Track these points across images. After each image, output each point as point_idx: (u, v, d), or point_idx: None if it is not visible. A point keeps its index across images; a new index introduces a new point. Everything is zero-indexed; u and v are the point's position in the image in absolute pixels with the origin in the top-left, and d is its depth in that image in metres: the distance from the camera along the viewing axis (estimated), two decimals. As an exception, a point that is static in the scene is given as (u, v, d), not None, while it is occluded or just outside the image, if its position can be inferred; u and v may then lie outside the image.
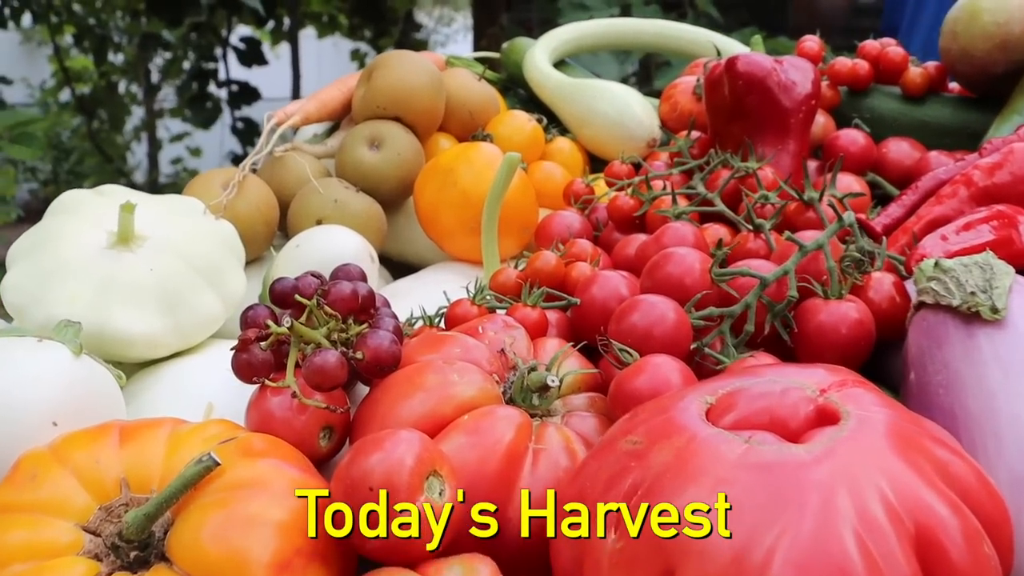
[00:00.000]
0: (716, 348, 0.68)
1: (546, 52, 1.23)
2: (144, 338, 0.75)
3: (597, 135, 1.10)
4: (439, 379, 0.60)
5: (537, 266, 0.77)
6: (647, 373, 0.60)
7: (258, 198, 0.90)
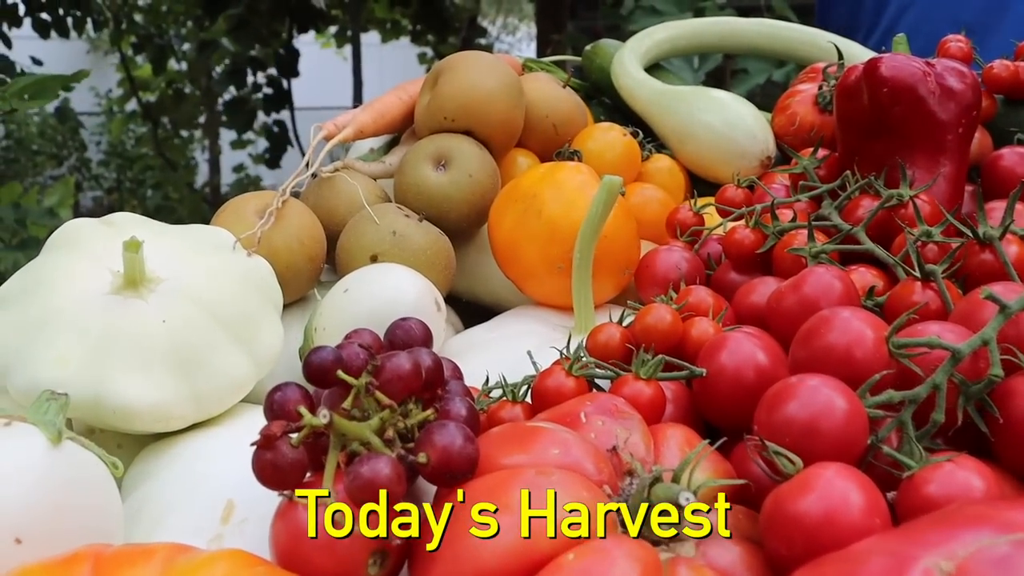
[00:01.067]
0: (891, 443, 0.50)
1: (637, 55, 1.05)
2: (152, 409, 0.59)
3: (701, 151, 0.93)
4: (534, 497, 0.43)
5: (649, 323, 0.59)
6: (817, 492, 0.43)
7: (300, 228, 0.74)
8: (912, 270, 0.64)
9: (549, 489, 0.43)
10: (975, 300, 0.56)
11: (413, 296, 0.67)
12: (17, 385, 0.58)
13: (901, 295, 0.62)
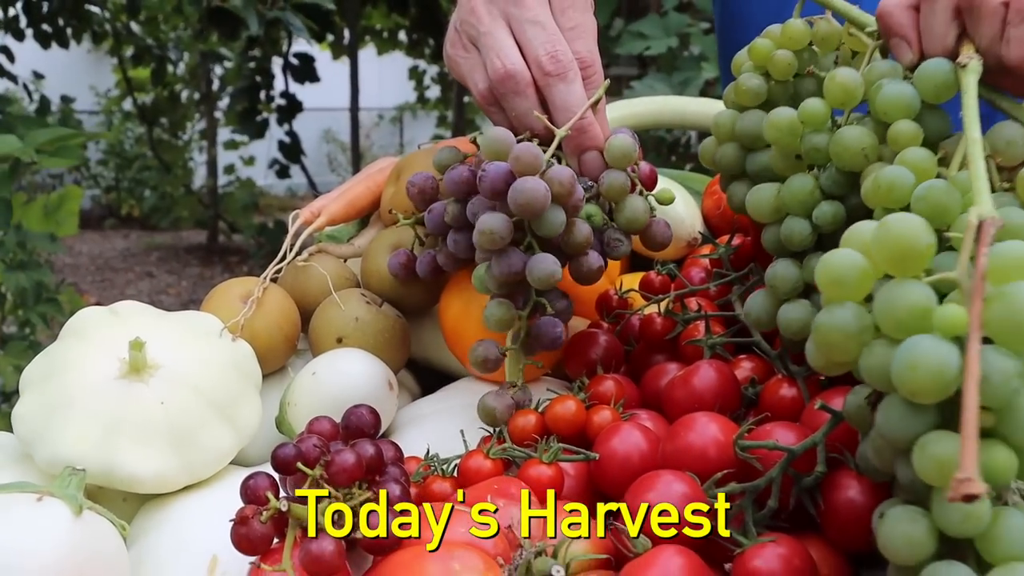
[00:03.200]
0: (738, 522, 0.65)
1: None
2: (152, 478, 0.75)
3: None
4: (440, 569, 0.58)
5: (557, 412, 0.75)
6: (658, 569, 0.58)
7: (278, 313, 0.89)
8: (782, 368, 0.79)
9: (453, 563, 0.58)
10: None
11: (368, 381, 0.82)
12: (42, 458, 0.73)
13: (770, 390, 0.77)
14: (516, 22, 0.84)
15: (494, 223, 0.75)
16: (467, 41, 0.87)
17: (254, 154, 6.62)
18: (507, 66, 0.83)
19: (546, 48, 0.82)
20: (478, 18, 0.85)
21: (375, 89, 7.23)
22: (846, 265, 0.52)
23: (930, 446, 0.47)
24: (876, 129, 0.70)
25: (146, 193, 7.01)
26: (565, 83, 0.83)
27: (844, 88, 0.71)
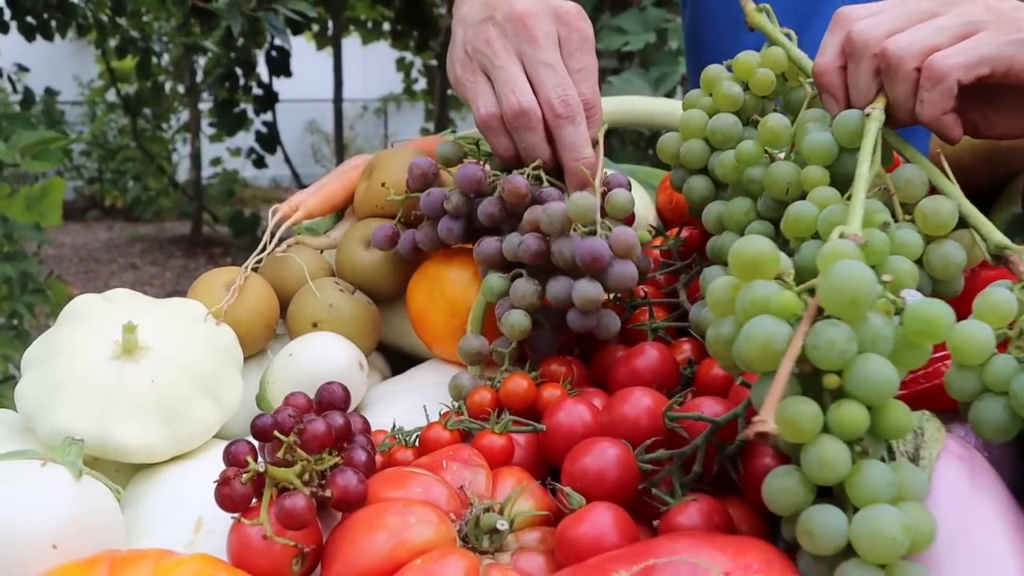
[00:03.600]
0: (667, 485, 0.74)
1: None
2: (143, 448, 0.83)
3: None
4: (399, 521, 0.67)
5: (510, 388, 0.84)
6: (589, 522, 0.66)
7: (258, 300, 0.98)
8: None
9: (410, 516, 0.67)
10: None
11: (341, 361, 0.91)
12: (43, 431, 0.82)
13: (704, 369, 0.86)
14: (529, 61, 0.94)
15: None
16: (478, 67, 0.97)
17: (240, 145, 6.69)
18: (522, 103, 0.92)
19: (557, 92, 0.92)
20: (493, 51, 0.94)
21: (359, 80, 7.29)
22: (722, 286, 0.62)
23: (788, 408, 0.56)
24: (802, 166, 0.81)
25: (129, 184, 7.07)
26: (573, 125, 0.93)
27: (773, 132, 0.83)
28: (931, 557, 0.61)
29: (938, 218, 0.72)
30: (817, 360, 0.56)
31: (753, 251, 0.60)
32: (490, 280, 0.91)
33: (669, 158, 0.97)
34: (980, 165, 1.04)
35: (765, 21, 0.89)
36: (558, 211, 0.86)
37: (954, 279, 0.76)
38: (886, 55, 0.78)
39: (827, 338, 0.56)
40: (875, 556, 0.56)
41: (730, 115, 0.89)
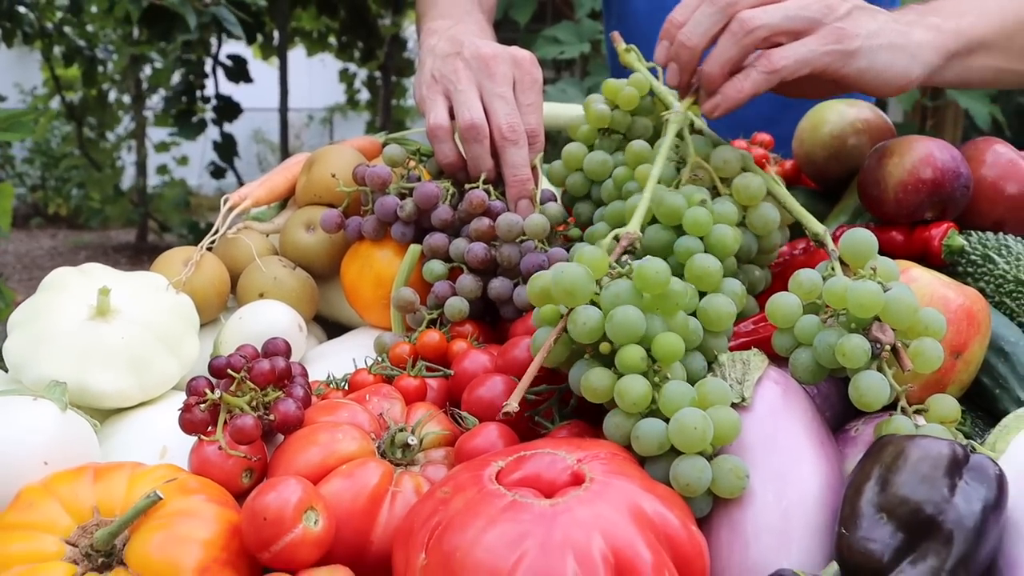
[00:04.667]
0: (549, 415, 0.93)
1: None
2: (116, 394, 1.00)
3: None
4: (328, 437, 0.85)
5: (424, 342, 1.02)
6: (481, 436, 0.85)
7: (212, 274, 1.16)
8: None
9: (338, 433, 0.85)
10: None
11: (283, 323, 1.09)
12: (30, 379, 0.99)
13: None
14: (487, 92, 1.16)
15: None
16: (441, 89, 1.18)
17: (187, 154, 6.80)
18: (475, 119, 1.14)
19: (507, 119, 1.14)
20: (458, 78, 1.17)
21: (305, 90, 7.45)
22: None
23: (589, 378, 0.79)
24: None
25: (73, 192, 7.15)
26: (516, 147, 1.14)
27: (637, 153, 1.04)
28: (749, 452, 0.80)
29: (748, 191, 0.93)
30: (578, 337, 0.80)
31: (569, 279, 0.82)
32: (432, 265, 1.10)
33: (558, 184, 1.16)
34: (830, 161, 1.25)
35: (633, 59, 1.10)
36: (515, 224, 1.05)
37: (772, 235, 0.96)
38: (742, 19, 0.98)
39: (580, 323, 0.80)
40: (686, 446, 0.75)
41: (601, 152, 1.09)
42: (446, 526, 0.70)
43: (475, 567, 0.67)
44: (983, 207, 1.14)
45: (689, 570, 0.71)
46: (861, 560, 0.73)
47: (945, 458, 0.74)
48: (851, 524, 0.74)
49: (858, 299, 0.83)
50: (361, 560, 0.80)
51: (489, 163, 1.14)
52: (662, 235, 0.91)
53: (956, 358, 0.93)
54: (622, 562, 0.67)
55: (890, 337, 0.84)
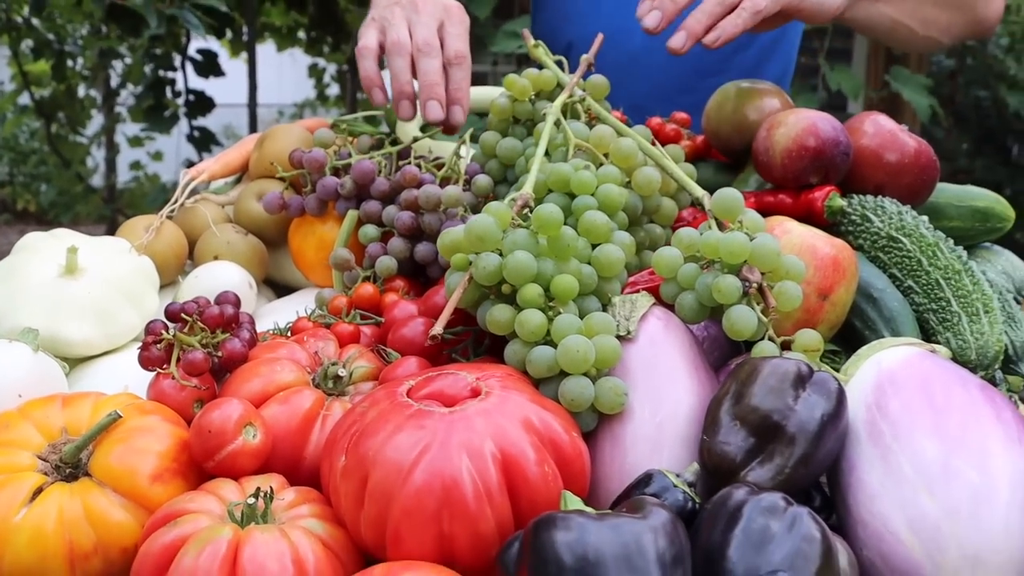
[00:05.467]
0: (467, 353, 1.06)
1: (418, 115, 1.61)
2: (83, 343, 1.13)
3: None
4: (269, 370, 0.99)
5: (359, 293, 1.16)
6: (401, 368, 0.99)
7: (172, 239, 1.29)
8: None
9: (277, 366, 0.99)
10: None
11: (235, 280, 1.22)
12: (5, 329, 1.12)
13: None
14: (413, 23, 1.35)
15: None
16: (377, 27, 1.38)
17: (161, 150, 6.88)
18: (399, 38, 1.33)
19: (423, 37, 1.33)
20: (392, 15, 1.37)
21: (275, 86, 7.55)
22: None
23: (492, 314, 0.93)
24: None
25: (43, 188, 7.23)
26: (429, 58, 1.32)
27: (539, 133, 1.15)
28: (631, 376, 0.94)
29: (621, 152, 1.07)
30: (481, 279, 0.95)
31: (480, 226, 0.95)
32: (367, 229, 1.24)
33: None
34: (733, 135, 1.39)
35: (541, 54, 1.24)
36: (433, 195, 1.19)
37: (655, 195, 1.10)
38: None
39: (481, 267, 0.94)
40: (571, 367, 0.89)
41: (511, 139, 1.24)
42: (362, 432, 0.84)
43: (384, 463, 0.81)
44: (866, 172, 1.28)
45: (570, 469, 0.85)
46: (719, 461, 0.87)
47: (791, 374, 0.88)
48: (711, 431, 0.88)
49: (728, 247, 0.97)
50: (296, 472, 0.94)
51: (408, 76, 1.33)
52: (558, 201, 1.04)
53: (823, 299, 1.08)
54: (508, 458, 0.81)
55: (757, 277, 0.98)
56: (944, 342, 1.11)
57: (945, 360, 0.95)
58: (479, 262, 0.94)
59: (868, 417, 0.90)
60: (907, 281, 1.17)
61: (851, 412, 0.92)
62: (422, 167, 1.25)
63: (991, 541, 0.82)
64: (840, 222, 1.24)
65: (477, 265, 0.94)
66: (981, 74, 6.33)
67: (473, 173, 1.25)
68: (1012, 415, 0.89)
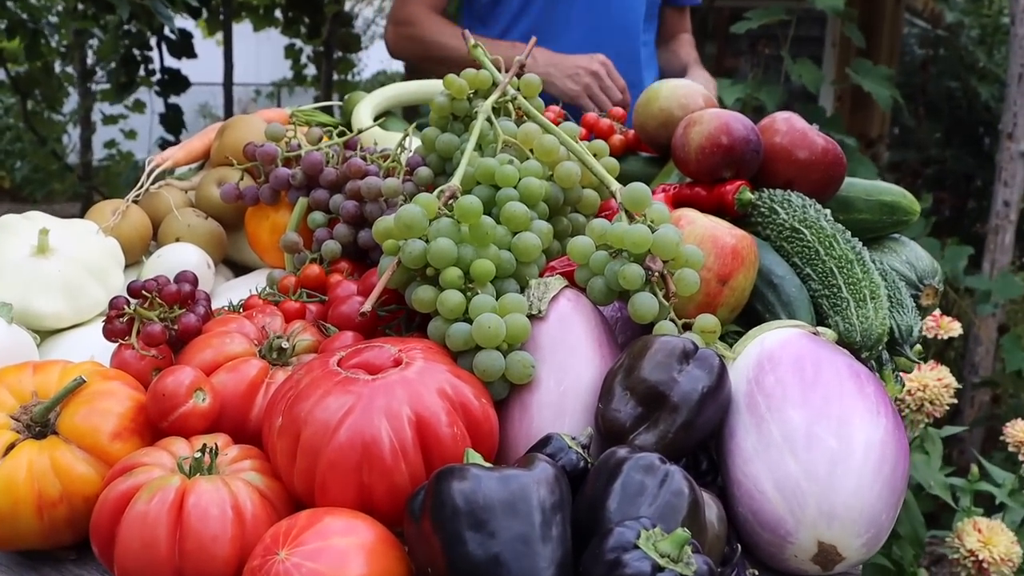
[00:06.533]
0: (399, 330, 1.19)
1: (371, 106, 1.74)
2: (53, 316, 1.26)
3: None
4: (219, 342, 1.12)
5: (306, 274, 1.29)
6: (338, 340, 1.12)
7: (137, 221, 1.41)
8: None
9: (227, 338, 1.11)
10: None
11: (194, 260, 1.35)
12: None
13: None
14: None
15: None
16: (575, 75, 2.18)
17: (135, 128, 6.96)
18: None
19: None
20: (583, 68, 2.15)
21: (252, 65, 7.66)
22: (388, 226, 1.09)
23: (417, 293, 1.05)
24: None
25: (17, 164, 7.31)
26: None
27: (480, 132, 1.28)
28: (540, 350, 1.07)
29: (543, 147, 1.20)
30: (407, 262, 1.07)
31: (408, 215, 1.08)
32: (315, 216, 1.37)
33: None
34: (659, 130, 1.52)
35: (480, 54, 1.36)
36: (374, 186, 1.31)
37: (575, 187, 1.23)
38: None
39: (407, 251, 1.07)
40: (484, 341, 1.02)
41: (448, 135, 1.34)
42: (297, 396, 0.97)
43: (313, 423, 0.94)
44: (778, 168, 1.41)
45: (478, 430, 0.98)
46: (611, 427, 1.00)
47: (677, 350, 1.02)
48: (605, 400, 1.01)
49: (632, 238, 1.10)
50: (242, 433, 1.06)
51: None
52: (485, 192, 1.17)
53: (723, 285, 1.21)
54: (422, 420, 0.94)
55: (659, 266, 1.11)
56: (833, 325, 1.24)
57: (823, 341, 1.09)
58: (406, 247, 1.07)
59: (748, 390, 1.04)
60: (806, 269, 1.30)
61: (734, 386, 1.05)
62: (368, 159, 1.38)
63: (844, 499, 0.96)
64: (751, 214, 1.37)
65: (404, 250, 1.07)
66: (952, 65, 6.48)
67: (415, 165, 1.37)
68: (875, 390, 1.03)
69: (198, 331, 1.15)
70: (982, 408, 4.13)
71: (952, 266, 3.74)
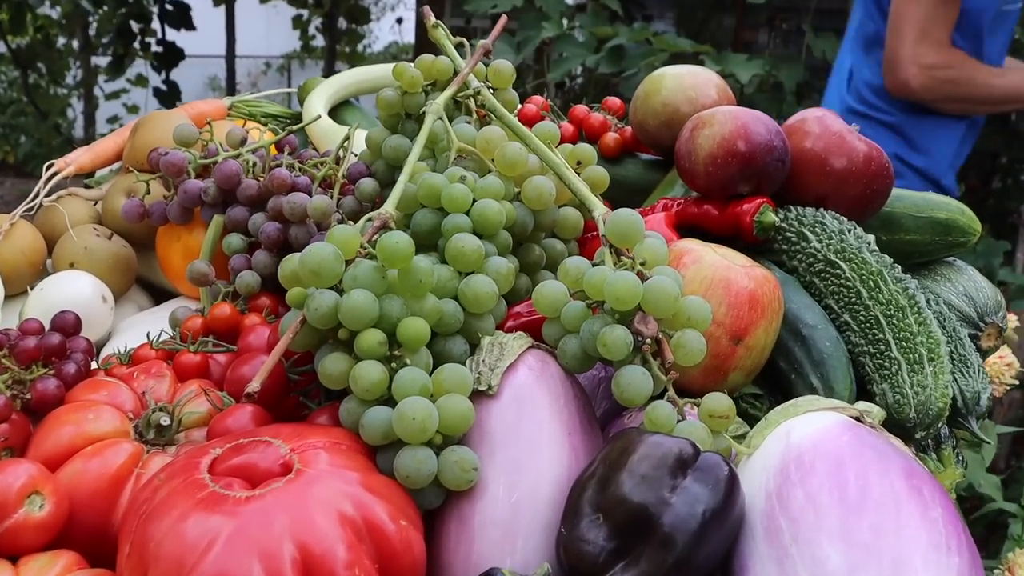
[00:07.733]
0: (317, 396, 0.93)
1: (325, 96, 1.47)
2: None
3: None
4: (80, 417, 0.86)
5: (215, 315, 1.02)
6: (232, 418, 0.85)
7: (24, 243, 1.16)
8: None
9: (89, 413, 0.85)
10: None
11: (85, 294, 1.09)
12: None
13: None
14: None
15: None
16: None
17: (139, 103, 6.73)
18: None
19: None
20: None
21: (262, 37, 7.38)
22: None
23: (325, 365, 0.81)
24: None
25: (21, 139, 7.09)
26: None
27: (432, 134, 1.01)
28: (489, 441, 0.81)
29: (505, 159, 0.93)
30: (313, 322, 0.81)
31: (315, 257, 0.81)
32: (231, 239, 1.10)
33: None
34: (661, 129, 1.24)
35: (440, 36, 1.08)
36: (299, 205, 1.05)
37: (549, 208, 0.96)
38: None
39: (313, 307, 0.80)
40: (408, 436, 0.76)
41: (397, 137, 1.07)
42: (148, 515, 0.71)
43: (165, 558, 0.68)
44: (808, 180, 1.13)
45: (394, 566, 0.72)
46: (575, 562, 0.73)
47: (670, 457, 0.74)
48: (569, 522, 0.75)
49: (614, 291, 0.82)
50: (103, 542, 0.81)
51: None
52: (430, 219, 0.90)
53: (737, 344, 0.94)
54: (310, 559, 0.68)
55: (652, 329, 0.83)
56: (880, 393, 0.97)
57: (869, 432, 0.80)
58: (311, 302, 0.80)
59: (767, 509, 0.76)
60: (843, 315, 1.03)
61: (748, 498, 0.77)
62: (296, 168, 1.11)
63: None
64: (774, 239, 1.10)
65: (309, 306, 0.80)
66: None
67: (357, 175, 1.11)
68: (943, 513, 0.74)
69: (59, 400, 0.89)
70: (1012, 407, 3.85)
71: (986, 261, 3.44)
